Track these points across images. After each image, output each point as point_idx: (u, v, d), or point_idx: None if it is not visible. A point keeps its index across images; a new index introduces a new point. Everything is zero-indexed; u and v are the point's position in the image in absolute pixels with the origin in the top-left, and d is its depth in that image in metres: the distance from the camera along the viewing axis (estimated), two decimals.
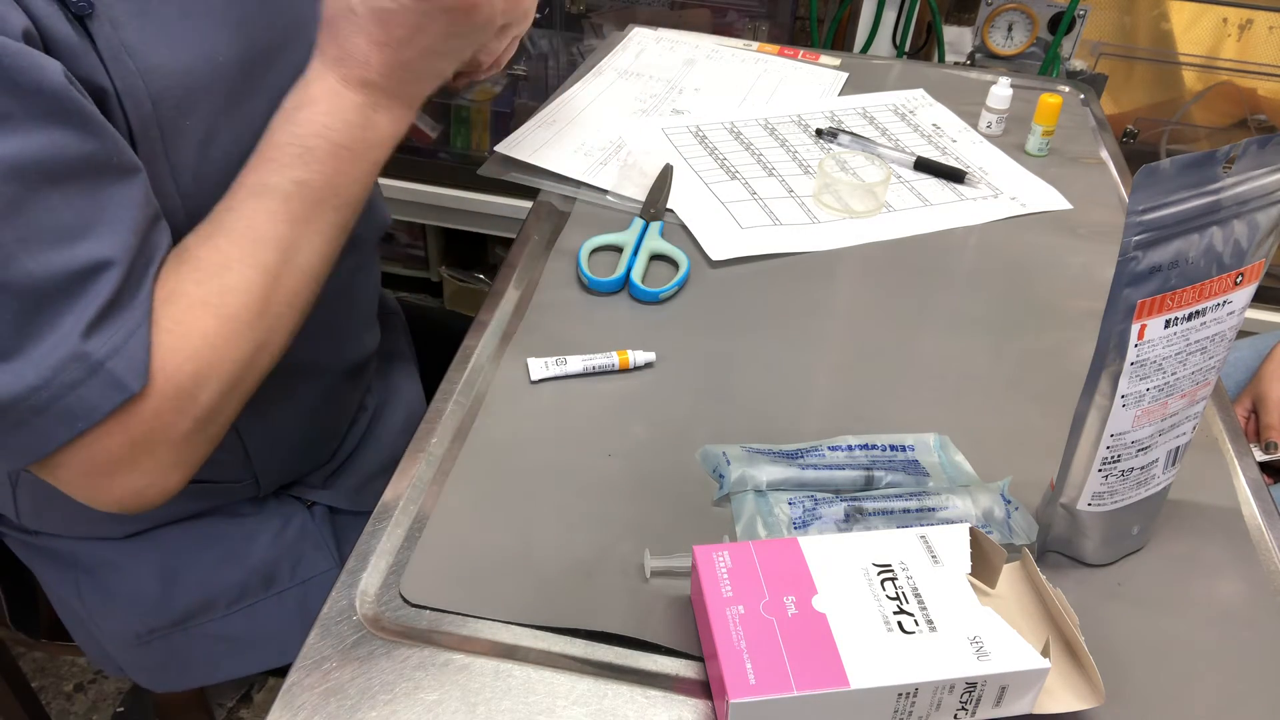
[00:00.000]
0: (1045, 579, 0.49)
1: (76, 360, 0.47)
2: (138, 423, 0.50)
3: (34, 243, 0.45)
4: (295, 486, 0.78)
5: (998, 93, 0.96)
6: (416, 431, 0.61)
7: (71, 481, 0.52)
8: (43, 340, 0.46)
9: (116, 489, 0.52)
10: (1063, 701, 0.45)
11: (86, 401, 0.48)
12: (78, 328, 0.47)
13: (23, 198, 0.45)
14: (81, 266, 0.47)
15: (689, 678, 0.48)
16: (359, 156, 0.58)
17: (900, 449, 0.59)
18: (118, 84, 0.50)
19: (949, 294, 0.76)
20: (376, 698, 0.46)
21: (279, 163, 0.55)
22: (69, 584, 0.74)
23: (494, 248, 1.96)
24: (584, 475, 0.58)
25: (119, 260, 0.48)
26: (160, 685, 0.78)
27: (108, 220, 0.48)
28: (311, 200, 0.56)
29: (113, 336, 0.48)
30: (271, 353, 0.56)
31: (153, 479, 0.53)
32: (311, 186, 0.55)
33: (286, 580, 0.75)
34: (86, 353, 0.47)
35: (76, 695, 1.34)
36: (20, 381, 0.46)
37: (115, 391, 0.48)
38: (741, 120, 0.97)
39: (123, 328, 0.48)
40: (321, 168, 0.56)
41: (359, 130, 0.57)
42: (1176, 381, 0.48)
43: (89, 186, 0.47)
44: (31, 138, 0.45)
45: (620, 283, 0.72)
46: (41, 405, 0.47)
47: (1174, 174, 0.43)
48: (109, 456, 0.50)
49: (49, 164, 0.46)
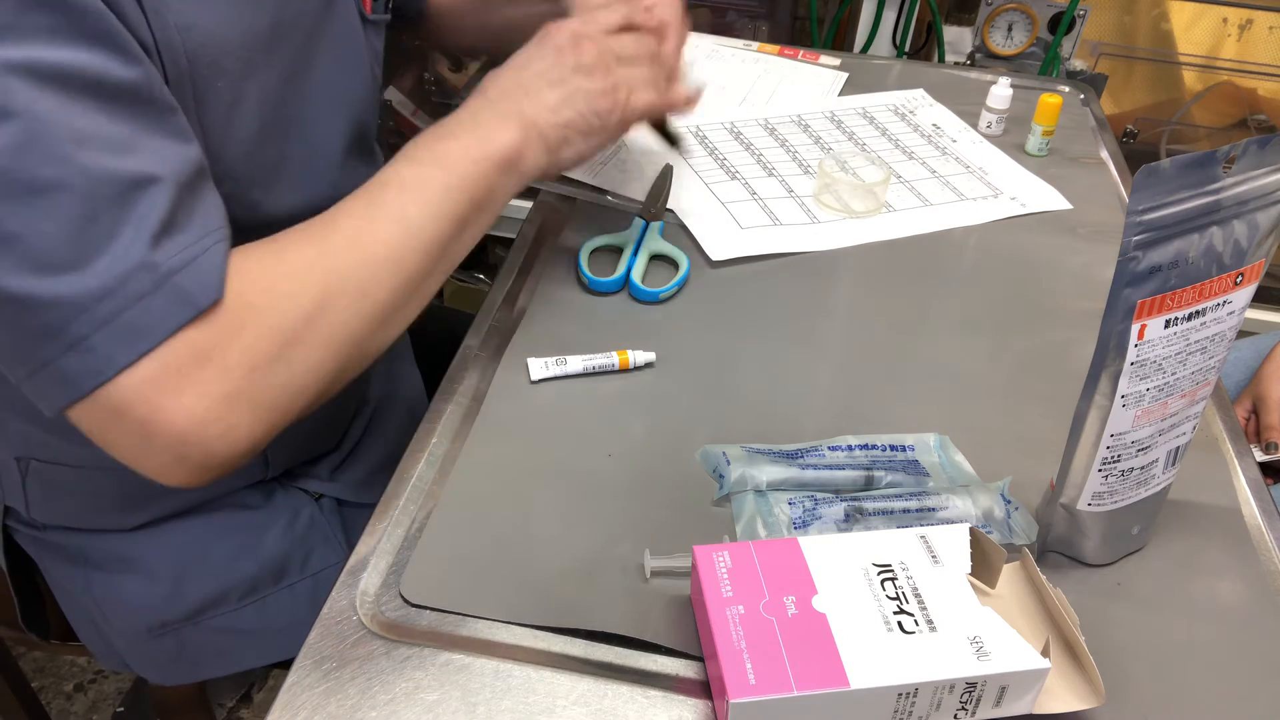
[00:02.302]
0: (1045, 579, 0.49)
1: (144, 270, 0.45)
2: (210, 351, 0.47)
3: (88, 145, 0.44)
4: (303, 479, 0.78)
5: (998, 93, 0.96)
6: (417, 431, 0.61)
7: (134, 431, 0.47)
8: (107, 249, 0.45)
9: (177, 427, 0.47)
10: (1063, 701, 0.45)
11: (152, 314, 0.45)
12: (143, 236, 0.45)
13: (71, 105, 0.44)
14: (134, 176, 0.45)
15: (689, 678, 0.48)
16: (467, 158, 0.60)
17: (900, 449, 0.59)
18: (157, 36, 0.50)
19: (949, 294, 0.76)
20: (376, 698, 0.46)
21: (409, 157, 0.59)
22: (79, 580, 0.74)
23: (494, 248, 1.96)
24: (584, 475, 0.58)
25: (168, 178, 0.47)
26: (169, 680, 0.78)
27: (152, 144, 0.47)
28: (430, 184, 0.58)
29: (184, 248, 0.47)
30: (368, 318, 0.54)
31: (220, 416, 0.48)
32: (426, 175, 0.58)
33: (297, 573, 0.75)
34: (155, 263, 0.45)
35: (76, 695, 1.34)
36: (84, 289, 0.44)
37: (184, 307, 0.46)
38: (741, 120, 0.97)
39: (194, 240, 0.47)
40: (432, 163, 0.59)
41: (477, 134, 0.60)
42: (1176, 381, 0.48)
43: (131, 112, 0.47)
44: (78, 53, 0.44)
45: (620, 283, 0.72)
46: (104, 318, 0.44)
47: (1174, 174, 0.43)
48: (169, 386, 0.47)
49: (94, 80, 0.45)
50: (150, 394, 0.46)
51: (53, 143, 0.43)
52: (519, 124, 0.61)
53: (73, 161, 0.44)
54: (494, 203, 0.61)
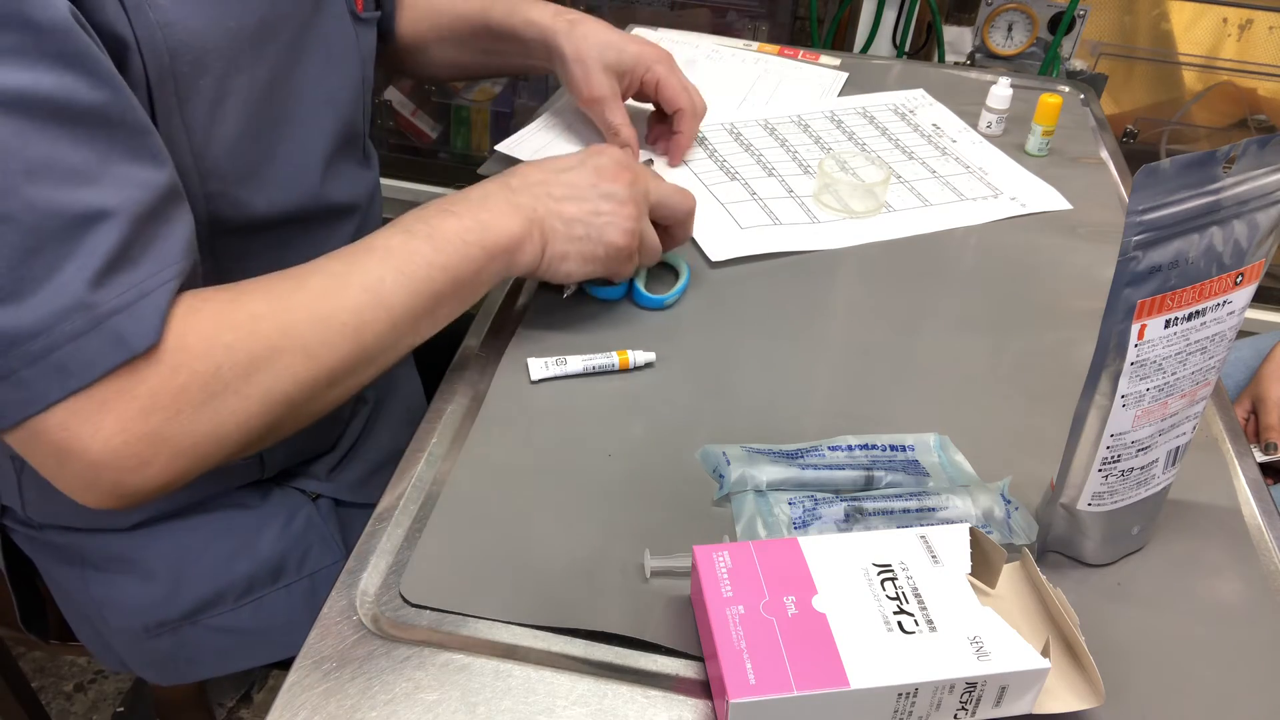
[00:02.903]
0: (1045, 579, 0.49)
1: (81, 310, 0.45)
2: (136, 390, 0.47)
3: (39, 176, 0.44)
4: (300, 479, 0.78)
5: (998, 93, 0.96)
6: (416, 431, 0.61)
7: (50, 454, 0.48)
8: (46, 285, 0.44)
9: (90, 456, 0.48)
10: (1063, 701, 0.45)
11: (85, 355, 0.45)
12: (85, 275, 0.45)
13: (29, 132, 0.44)
14: (84, 211, 0.45)
15: (689, 678, 0.48)
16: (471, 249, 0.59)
17: (900, 449, 0.59)
18: (139, 33, 0.50)
19: (949, 294, 0.76)
20: (376, 698, 0.46)
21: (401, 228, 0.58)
22: (76, 579, 0.74)
23: None
24: (584, 475, 0.58)
25: (121, 213, 0.46)
26: (167, 679, 0.78)
27: (112, 174, 0.47)
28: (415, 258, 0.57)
29: (125, 291, 0.46)
30: (309, 381, 0.53)
31: (135, 453, 0.48)
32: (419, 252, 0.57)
33: (294, 573, 0.75)
34: (94, 303, 0.45)
35: (76, 695, 1.34)
36: (17, 325, 0.44)
37: (117, 349, 0.46)
38: (741, 121, 0.97)
39: (137, 284, 0.47)
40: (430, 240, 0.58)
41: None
42: (1176, 381, 0.48)
43: (95, 137, 0.46)
44: (41, 76, 0.44)
45: (623, 290, 0.72)
46: (37, 354, 0.45)
47: (1174, 174, 0.43)
48: (89, 418, 0.47)
49: (57, 105, 0.45)
50: (70, 423, 0.47)
51: (1, 174, 0.43)
52: (527, 220, 0.61)
53: (19, 194, 0.44)
54: (477, 286, 0.60)
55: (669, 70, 0.84)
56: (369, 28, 0.73)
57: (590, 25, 0.84)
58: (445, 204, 0.60)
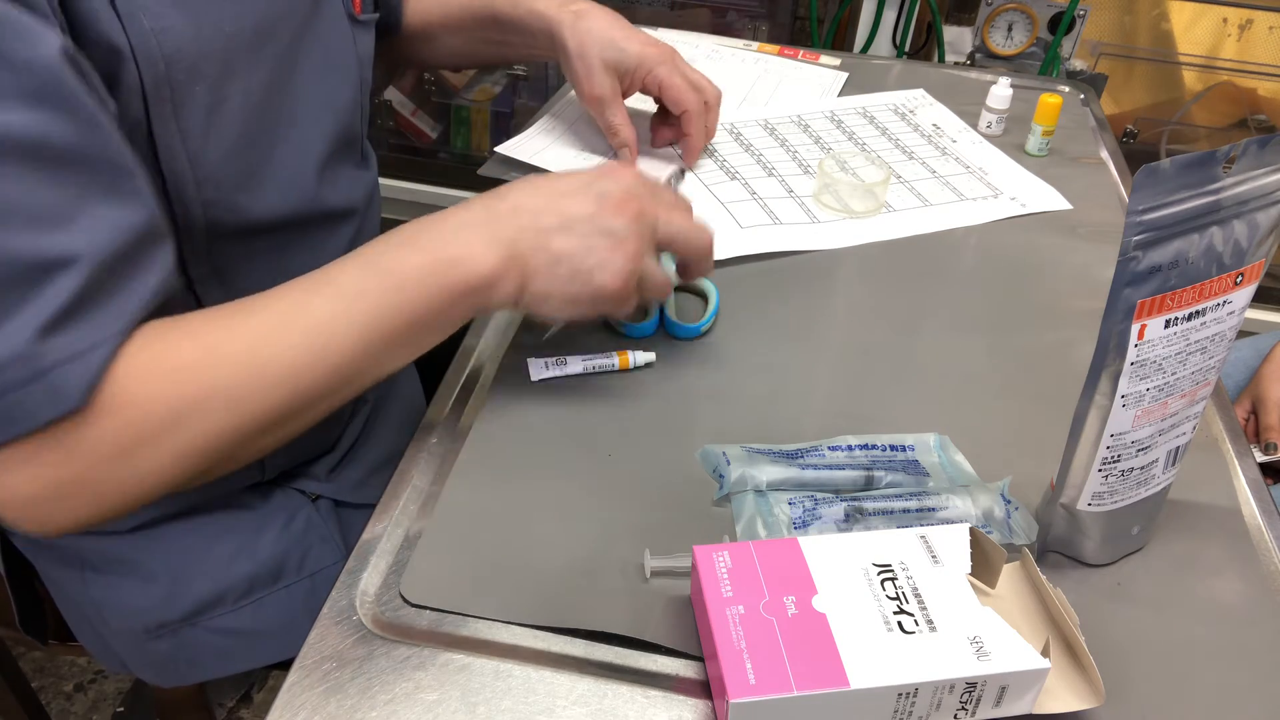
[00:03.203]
0: (1045, 579, 0.49)
1: (24, 361, 0.44)
2: (60, 440, 0.46)
3: (6, 219, 0.43)
4: (299, 479, 0.78)
5: (998, 93, 0.96)
6: (416, 431, 0.61)
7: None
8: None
9: (5, 498, 0.48)
10: (1063, 701, 0.45)
11: (22, 408, 0.44)
12: (33, 325, 0.44)
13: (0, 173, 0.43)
14: (46, 258, 0.44)
15: (689, 678, 0.48)
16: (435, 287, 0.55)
17: (900, 449, 0.59)
18: (133, 41, 0.50)
19: (949, 294, 0.76)
20: (376, 698, 0.46)
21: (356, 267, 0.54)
22: (75, 581, 0.74)
23: None
24: (584, 475, 0.58)
25: (86, 260, 0.45)
26: (167, 681, 0.78)
27: (85, 215, 0.46)
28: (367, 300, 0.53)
29: (73, 344, 0.45)
30: (240, 430, 0.51)
31: (53, 496, 0.48)
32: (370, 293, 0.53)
33: (294, 574, 0.75)
34: (38, 354, 0.44)
35: (76, 695, 1.34)
36: None
37: (54, 403, 0.45)
38: (741, 121, 0.97)
39: (86, 337, 0.45)
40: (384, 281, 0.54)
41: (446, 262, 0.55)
42: (1176, 381, 0.48)
43: (69, 177, 0.45)
44: (17, 115, 0.43)
45: (654, 326, 0.69)
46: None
47: (1174, 174, 0.43)
48: (9, 464, 0.46)
49: (31, 144, 0.44)
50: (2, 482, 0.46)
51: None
52: (505, 255, 0.55)
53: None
54: (442, 326, 0.56)
55: (671, 71, 0.82)
56: (367, 30, 0.73)
57: (595, 19, 0.82)
58: (415, 231, 0.56)
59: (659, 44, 0.84)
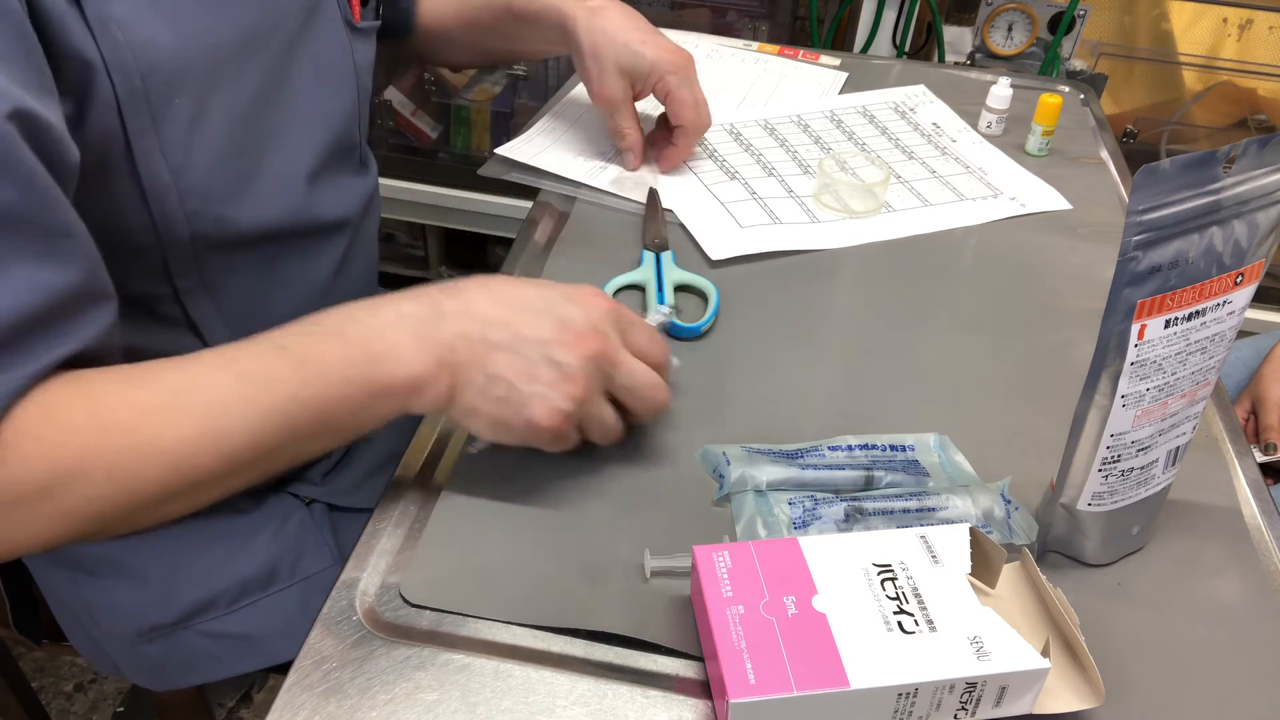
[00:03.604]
0: (1045, 579, 0.49)
1: None
2: None
3: None
4: (293, 483, 0.78)
5: (998, 93, 0.96)
6: (416, 431, 0.61)
7: None
8: None
9: None
10: (1063, 701, 0.45)
11: None
12: None
13: None
14: None
15: (689, 678, 0.48)
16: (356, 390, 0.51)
17: (900, 449, 0.59)
18: (105, 55, 0.50)
19: (949, 294, 0.76)
20: (376, 698, 0.46)
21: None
22: (68, 583, 0.74)
23: (494, 248, 1.96)
24: (584, 475, 0.58)
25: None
26: (159, 684, 0.78)
27: (15, 272, 0.44)
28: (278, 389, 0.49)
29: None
30: (117, 505, 0.48)
31: None
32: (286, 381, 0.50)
33: (287, 578, 0.75)
34: None
35: (76, 695, 1.34)
36: None
37: None
38: (741, 121, 0.97)
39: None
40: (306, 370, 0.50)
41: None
42: (1176, 381, 0.48)
43: (2, 236, 0.44)
44: None
45: (659, 327, 0.68)
46: None
47: (1174, 174, 0.43)
48: None
49: None
50: None
51: None
52: (437, 360, 0.51)
53: None
54: (358, 425, 0.51)
55: (681, 82, 0.81)
56: (366, 37, 0.72)
57: (611, 17, 0.80)
58: (346, 318, 0.52)
59: (677, 51, 0.81)
